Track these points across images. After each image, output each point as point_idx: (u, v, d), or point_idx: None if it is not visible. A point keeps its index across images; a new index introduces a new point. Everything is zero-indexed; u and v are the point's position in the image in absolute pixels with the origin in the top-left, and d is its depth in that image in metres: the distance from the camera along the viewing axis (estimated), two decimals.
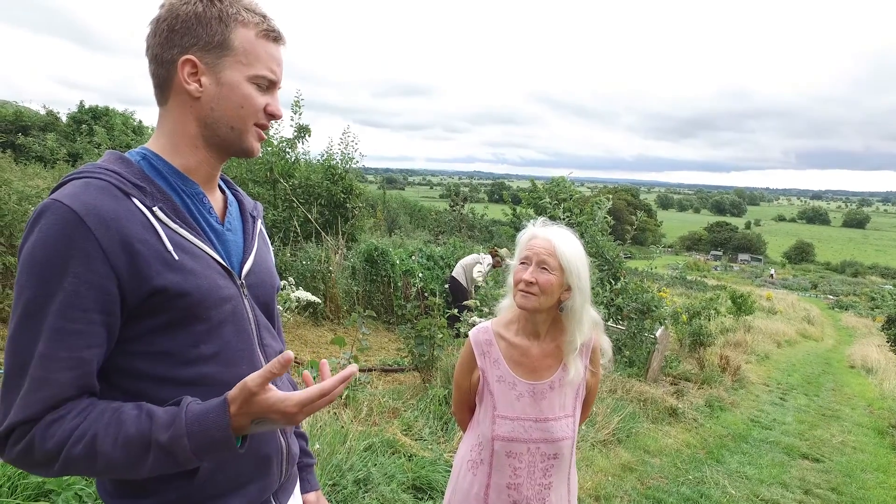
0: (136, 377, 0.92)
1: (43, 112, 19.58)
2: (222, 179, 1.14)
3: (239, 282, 1.03)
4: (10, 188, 5.20)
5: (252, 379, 0.84)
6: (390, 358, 6.32)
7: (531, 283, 1.56)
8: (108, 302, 0.86)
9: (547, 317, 1.65)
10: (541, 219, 1.69)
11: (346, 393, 3.90)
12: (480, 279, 7.63)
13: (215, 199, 1.08)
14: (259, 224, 1.17)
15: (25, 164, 11.30)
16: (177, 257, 0.91)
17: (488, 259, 7.91)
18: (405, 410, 4.07)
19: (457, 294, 7.66)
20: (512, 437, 1.63)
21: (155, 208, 0.92)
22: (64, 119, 19.02)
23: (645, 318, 6.54)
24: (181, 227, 0.95)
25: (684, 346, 9.73)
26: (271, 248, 1.23)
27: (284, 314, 4.00)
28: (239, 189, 1.19)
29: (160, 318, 0.91)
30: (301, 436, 1.32)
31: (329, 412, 3.55)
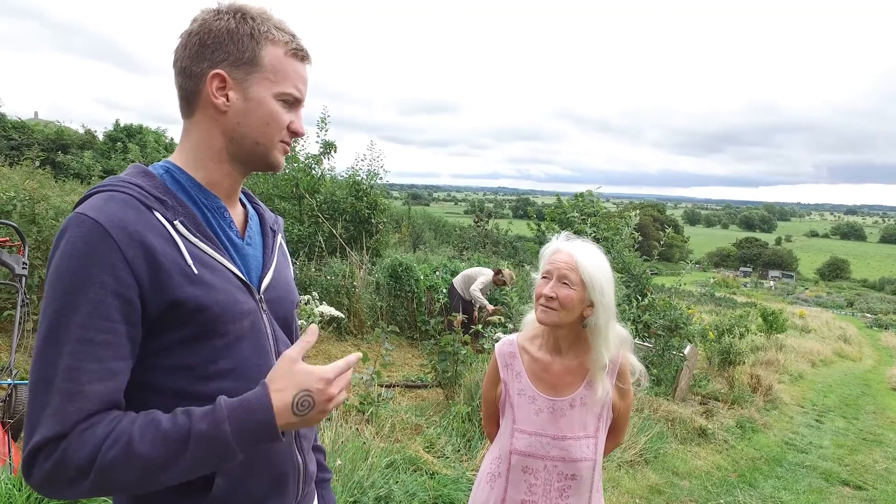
0: (154, 392, 0.92)
1: (82, 131, 20.34)
2: (243, 193, 1.15)
3: (258, 296, 1.04)
4: (47, 203, 5.38)
5: (291, 349, 0.90)
6: (413, 373, 6.29)
7: (551, 297, 1.55)
8: (132, 313, 0.87)
9: (569, 332, 1.63)
10: (564, 232, 1.68)
11: (369, 409, 3.89)
12: (478, 295, 7.60)
13: (236, 213, 1.08)
14: (279, 238, 1.17)
15: (64, 180, 11.71)
16: (196, 271, 0.92)
17: (487, 273, 7.83)
18: (428, 427, 4.03)
19: (450, 302, 7.85)
20: (529, 452, 1.61)
21: (176, 222, 0.93)
22: (101, 137, 19.72)
23: (673, 336, 6.39)
24: (201, 241, 0.96)
25: (713, 365, 9.47)
26: (291, 263, 1.23)
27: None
28: (260, 203, 1.20)
29: (180, 332, 0.91)
30: (319, 449, 1.31)
31: (352, 428, 3.54)
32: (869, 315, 40.69)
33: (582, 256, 1.57)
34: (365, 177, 9.85)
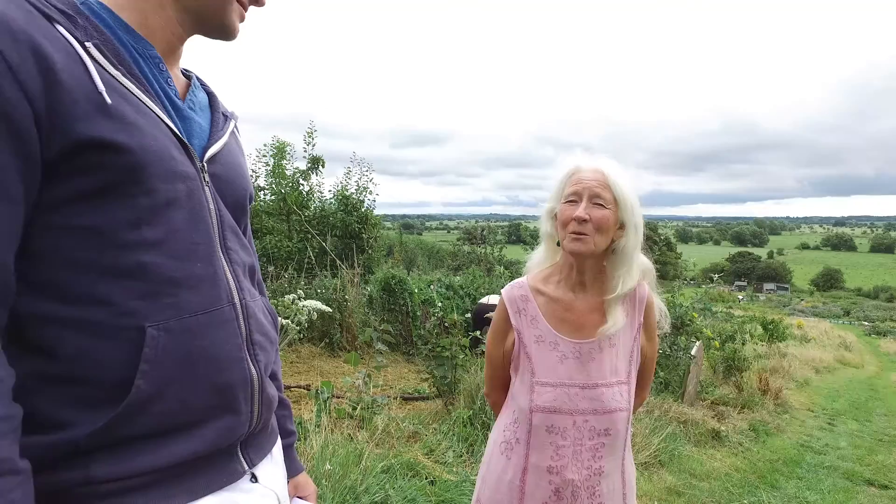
0: (54, 263, 0.68)
1: None
2: (194, 75, 0.94)
3: (199, 164, 0.82)
4: None
5: None
6: (410, 387, 6.00)
7: (585, 220, 1.31)
8: (25, 141, 0.63)
9: (595, 263, 1.40)
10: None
11: (362, 415, 3.62)
12: None
13: (177, 77, 0.87)
14: (232, 124, 0.96)
15: None
16: (110, 100, 0.69)
17: None
18: (427, 434, 3.75)
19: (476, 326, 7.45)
20: (554, 408, 1.35)
21: (88, 44, 0.70)
22: None
23: (679, 334, 6.15)
24: (124, 75, 0.73)
25: (718, 374, 9.23)
26: (245, 156, 1.01)
27: (293, 325, 3.75)
28: (212, 89, 0.98)
29: (88, 180, 0.68)
30: (282, 403, 1.05)
31: (343, 433, 3.26)
32: (866, 323, 40.63)
33: (612, 171, 1.36)
34: (354, 191, 9.69)
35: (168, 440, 0.73)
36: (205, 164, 0.83)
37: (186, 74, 0.92)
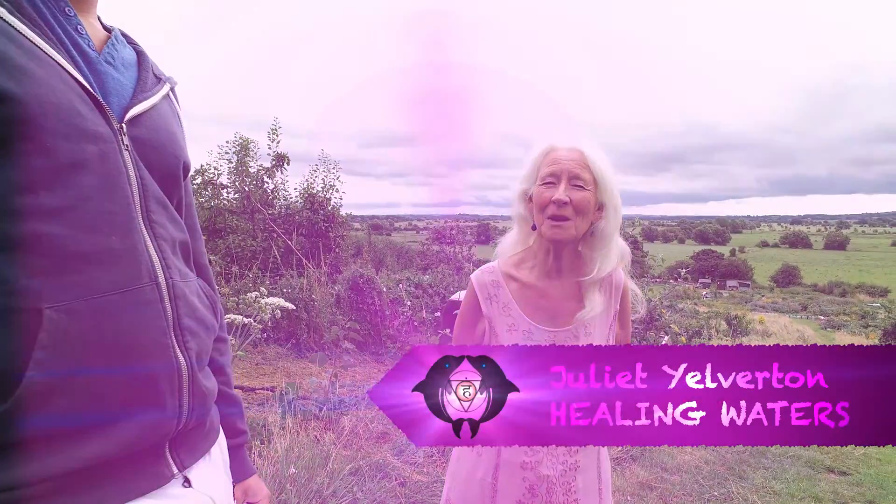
0: None
1: None
2: (118, 30, 0.83)
3: (117, 125, 0.71)
4: None
5: None
6: None
7: (565, 203, 1.23)
8: None
9: (572, 248, 1.33)
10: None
11: (328, 416, 3.49)
12: None
13: (92, 28, 0.76)
14: (166, 88, 0.85)
15: None
16: None
17: None
18: (397, 434, 3.66)
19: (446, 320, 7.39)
20: None
21: None
22: None
23: (648, 329, 6.21)
24: (11, 13, 0.62)
25: None
26: (183, 125, 0.90)
27: (255, 324, 3.60)
28: (143, 48, 0.87)
29: None
30: (230, 400, 0.94)
31: (309, 435, 3.13)
32: (822, 317, 42.08)
33: (590, 150, 1.29)
34: (320, 189, 9.48)
35: (74, 441, 0.62)
36: (124, 126, 0.72)
37: (108, 28, 0.82)
